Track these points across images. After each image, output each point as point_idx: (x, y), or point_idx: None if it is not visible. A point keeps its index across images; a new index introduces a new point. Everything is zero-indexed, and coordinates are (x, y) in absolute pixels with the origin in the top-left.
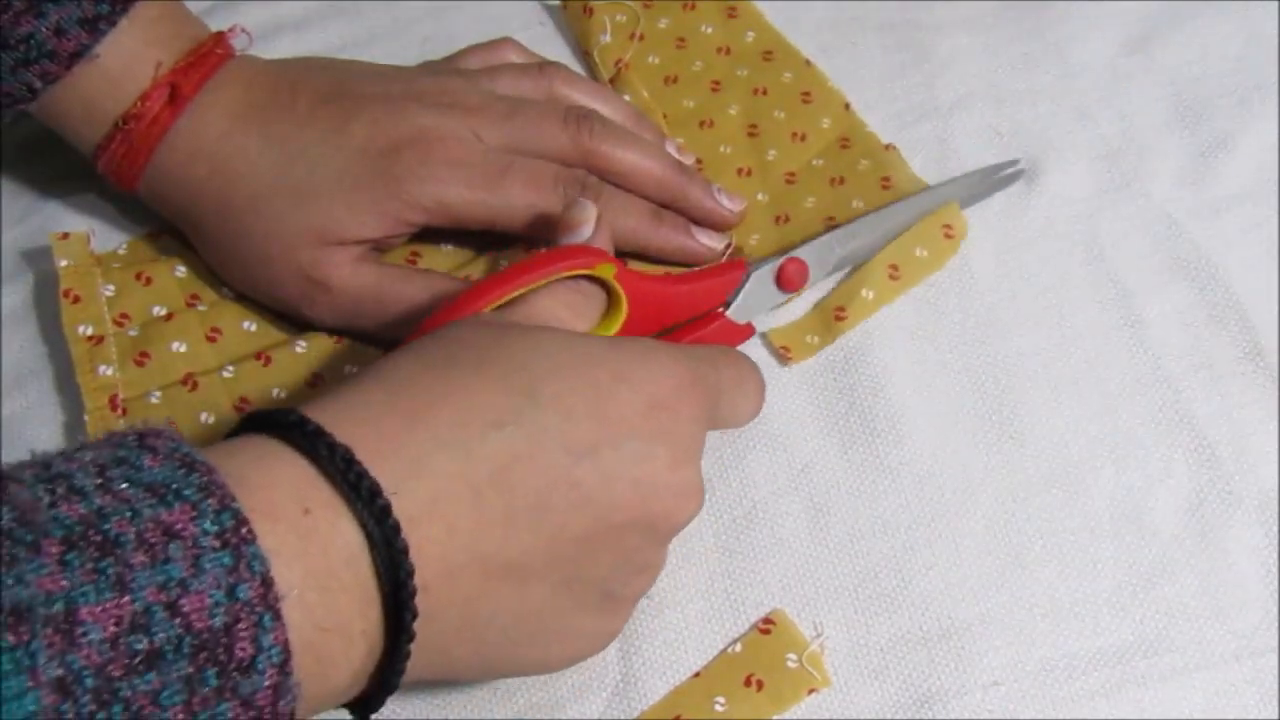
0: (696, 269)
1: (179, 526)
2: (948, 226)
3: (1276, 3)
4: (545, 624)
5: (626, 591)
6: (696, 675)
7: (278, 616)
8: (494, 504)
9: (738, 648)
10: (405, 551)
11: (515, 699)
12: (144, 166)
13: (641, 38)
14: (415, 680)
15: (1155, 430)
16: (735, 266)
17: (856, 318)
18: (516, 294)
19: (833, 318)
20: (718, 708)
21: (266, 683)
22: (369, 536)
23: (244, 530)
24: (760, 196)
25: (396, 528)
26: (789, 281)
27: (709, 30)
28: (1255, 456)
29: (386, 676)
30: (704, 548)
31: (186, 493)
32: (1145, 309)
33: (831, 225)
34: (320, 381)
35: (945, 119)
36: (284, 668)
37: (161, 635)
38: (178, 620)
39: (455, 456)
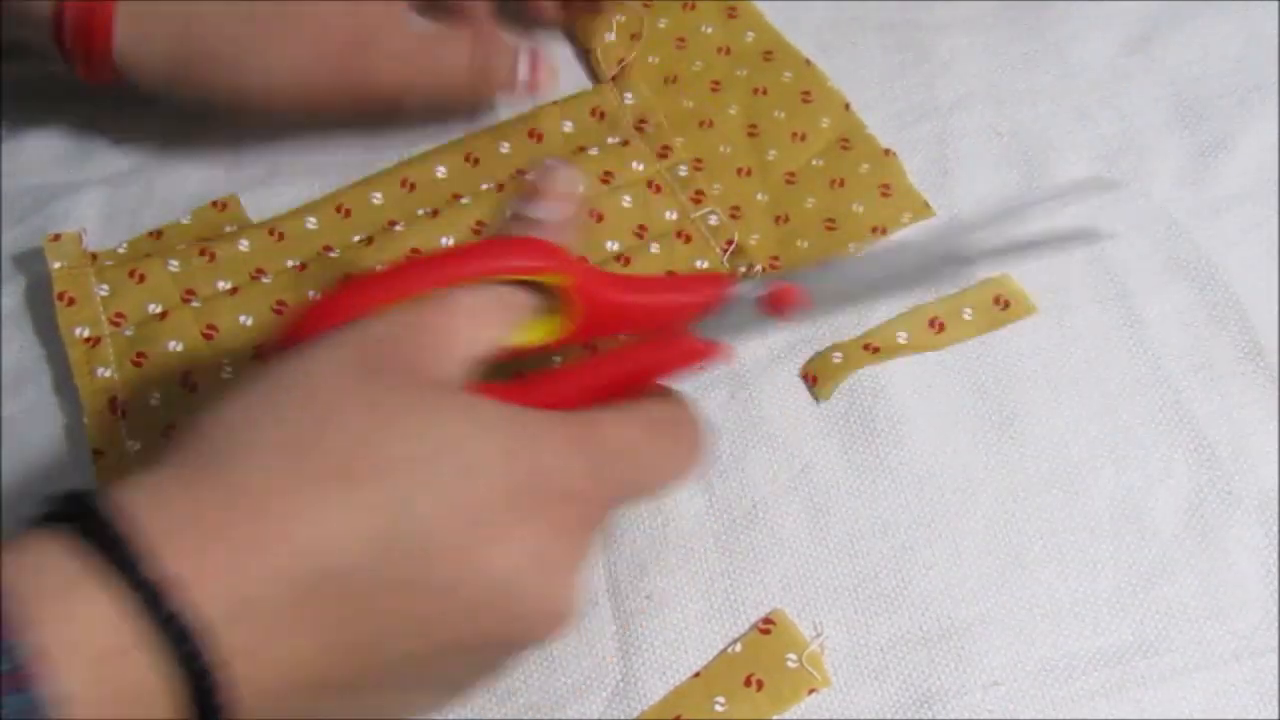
0: (673, 276)
1: None
2: (999, 297)
3: (1276, 3)
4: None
5: (481, 684)
6: (696, 675)
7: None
8: (309, 620)
9: (738, 648)
10: (217, 688)
11: (515, 699)
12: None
13: (640, 37)
14: None
15: (1155, 430)
16: (718, 281)
17: (887, 356)
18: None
19: (861, 347)
20: (718, 708)
21: None
22: (178, 670)
23: (35, 671)
24: (760, 196)
25: (207, 672)
26: (779, 307)
27: (709, 30)
28: (1255, 456)
29: None
30: (704, 548)
31: None
32: (1145, 309)
33: (831, 228)
34: None
35: (945, 119)
36: None
37: None
38: None
39: (268, 563)
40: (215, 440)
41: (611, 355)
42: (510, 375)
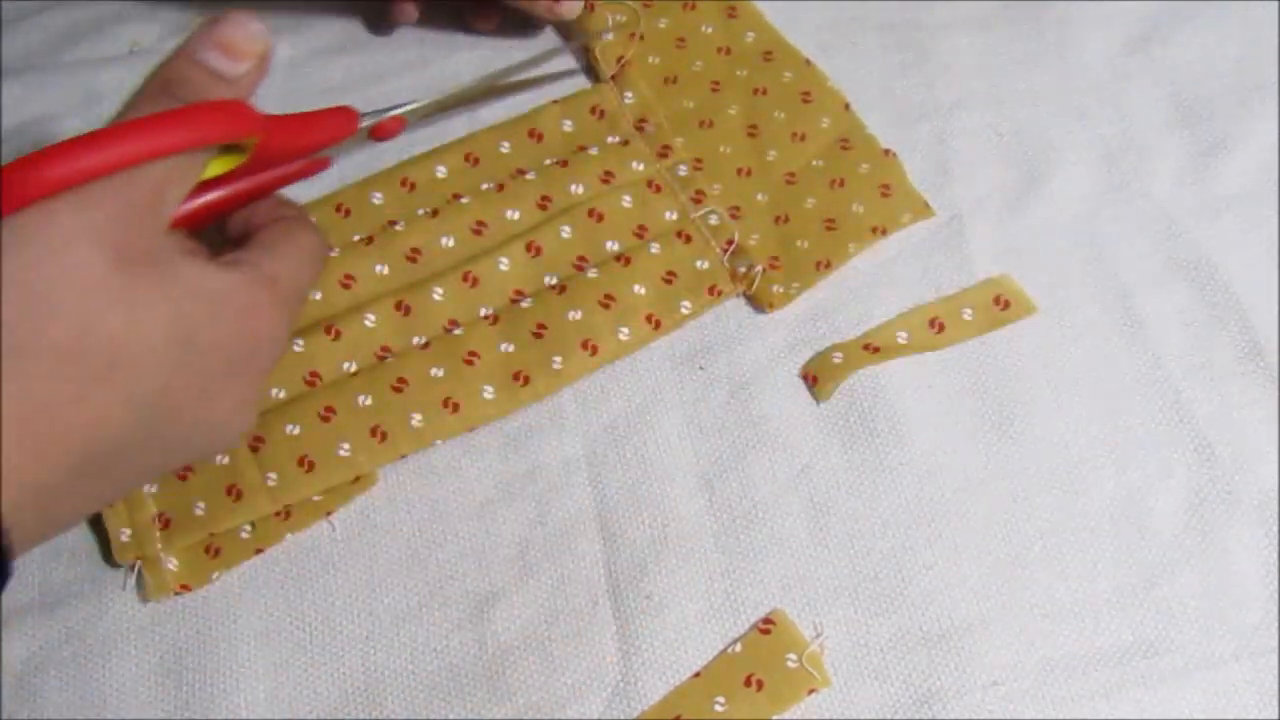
0: (313, 113)
1: None
2: (999, 297)
3: (1276, 3)
4: (168, 437)
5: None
6: (696, 675)
7: None
8: (85, 488)
9: (738, 648)
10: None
11: (515, 699)
12: None
13: (641, 37)
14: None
15: (1155, 430)
16: (349, 118)
17: (886, 356)
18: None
19: (861, 348)
20: (718, 708)
21: None
22: None
23: None
24: (760, 197)
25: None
26: (383, 134)
27: (709, 30)
28: (1255, 456)
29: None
30: (704, 548)
31: None
32: (1145, 309)
33: (831, 228)
34: (318, 380)
35: (945, 119)
36: None
37: None
38: None
39: (56, 463)
40: None
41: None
42: None
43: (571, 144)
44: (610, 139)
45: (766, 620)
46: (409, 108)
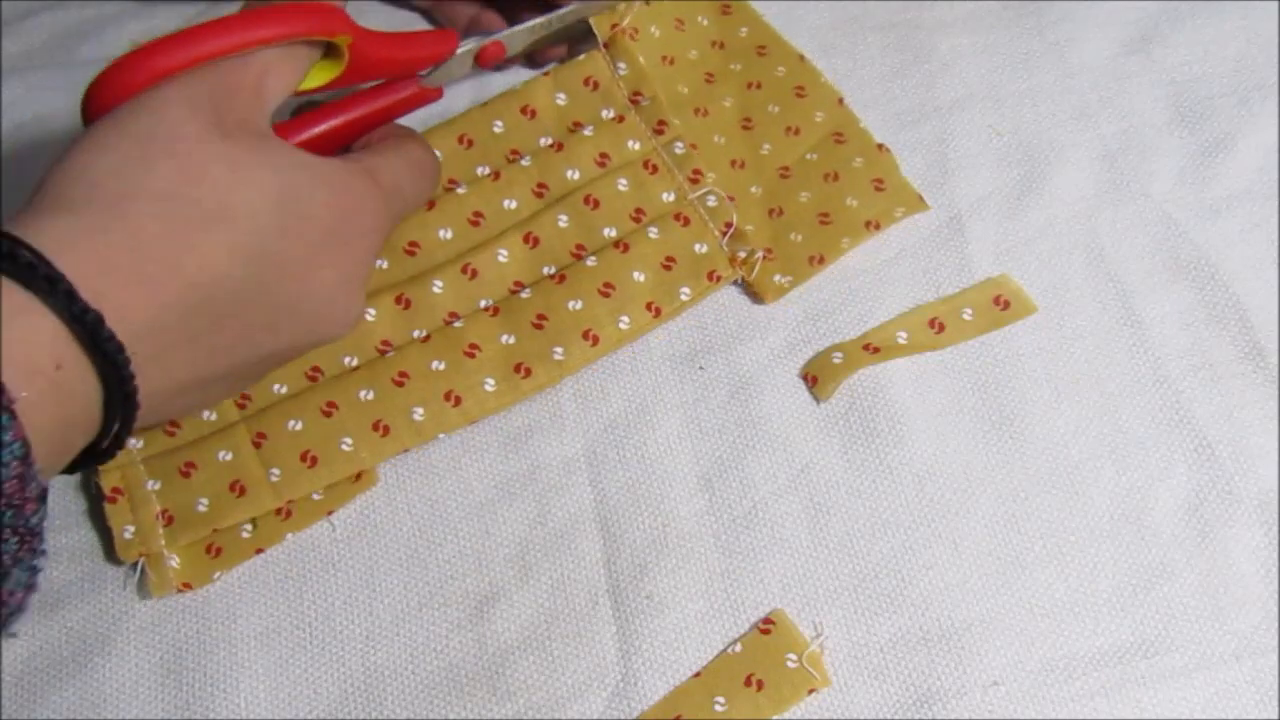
0: (413, 34)
1: None
2: (999, 297)
3: (1276, 3)
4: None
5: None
6: (696, 675)
7: (13, 416)
8: (197, 339)
9: (738, 648)
10: (97, 318)
11: (515, 699)
12: None
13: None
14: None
15: (1155, 430)
16: (448, 39)
17: (886, 356)
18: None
19: (861, 348)
20: (718, 708)
21: (11, 473)
22: (68, 327)
23: None
24: (754, 190)
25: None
26: (485, 60)
27: (704, 21)
28: (1255, 456)
29: (123, 419)
30: (704, 548)
31: None
32: (1145, 309)
33: (825, 222)
34: (320, 374)
35: (945, 119)
36: (26, 459)
37: None
38: None
39: (171, 301)
40: (100, 189)
41: (362, 97)
42: (290, 113)
43: (566, 119)
44: (605, 113)
45: (766, 620)
46: (509, 32)
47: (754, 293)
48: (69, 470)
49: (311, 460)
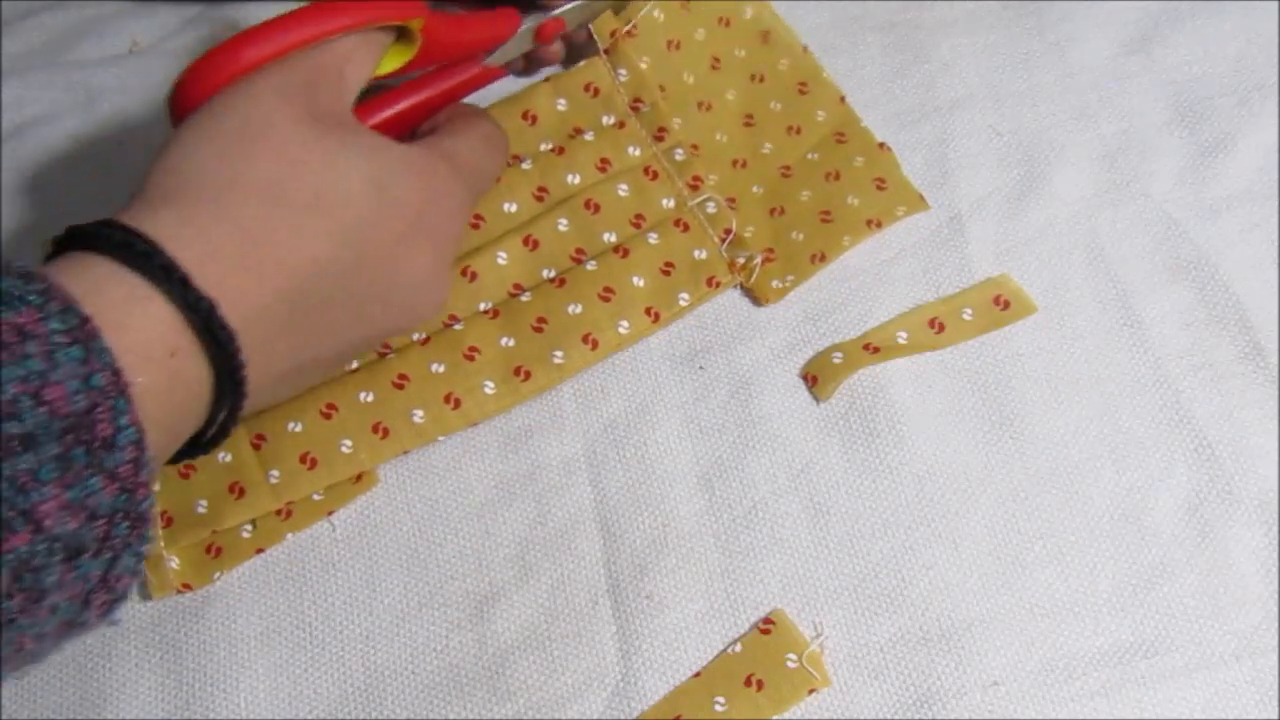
0: (475, 14)
1: (30, 327)
2: (999, 297)
3: (1276, 3)
4: (373, 294)
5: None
6: (696, 675)
7: (129, 400)
8: (298, 327)
9: (738, 648)
10: (210, 305)
11: (515, 699)
12: None
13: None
14: (260, 404)
15: (1155, 430)
16: (510, 18)
17: (886, 356)
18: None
19: (861, 348)
20: (718, 708)
21: (127, 458)
22: (182, 314)
23: (88, 327)
24: (755, 189)
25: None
26: (546, 36)
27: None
28: (1255, 456)
29: (230, 407)
30: (704, 548)
31: (31, 298)
32: (1145, 309)
33: (826, 220)
34: None
35: (945, 119)
36: (140, 444)
37: (31, 420)
38: (43, 408)
39: (276, 289)
40: (202, 180)
41: (430, 79)
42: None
43: (567, 125)
44: (606, 119)
45: (766, 620)
46: (568, 8)
47: (754, 298)
48: (173, 460)
49: (311, 462)
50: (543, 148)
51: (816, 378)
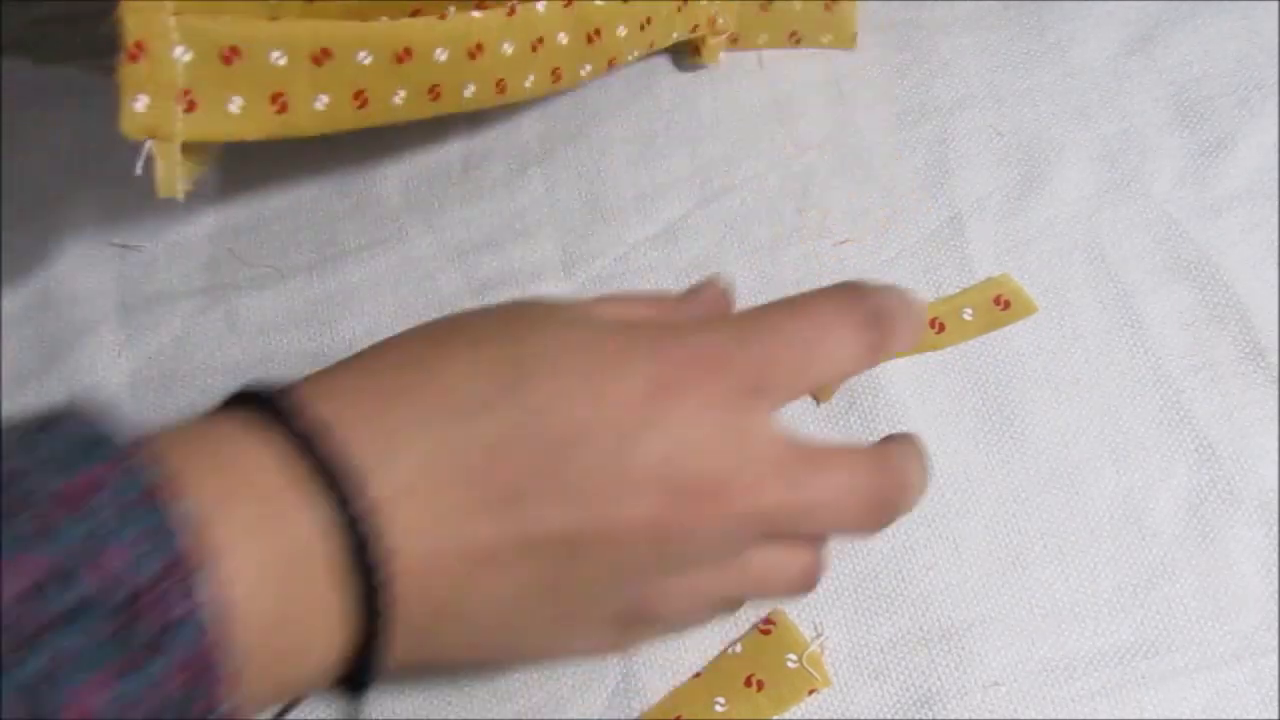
0: None
1: (92, 488)
2: (1000, 297)
3: (1277, 3)
4: (535, 621)
5: (633, 619)
6: (697, 675)
7: (209, 578)
8: (471, 489)
9: (738, 648)
10: (371, 536)
11: (515, 699)
12: None
13: None
14: (407, 665)
15: (1156, 430)
16: None
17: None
18: None
19: None
20: (718, 708)
21: (195, 653)
22: (336, 519)
23: (163, 493)
24: None
25: (364, 512)
26: None
27: None
28: (1256, 457)
29: (369, 661)
30: None
31: (109, 453)
32: (1146, 309)
33: (764, 10)
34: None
35: (946, 119)
36: (216, 638)
37: (75, 595)
38: (93, 581)
39: (432, 437)
40: (381, 358)
41: None
42: None
43: None
44: None
45: (767, 620)
46: None
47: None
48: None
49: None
50: None
51: None
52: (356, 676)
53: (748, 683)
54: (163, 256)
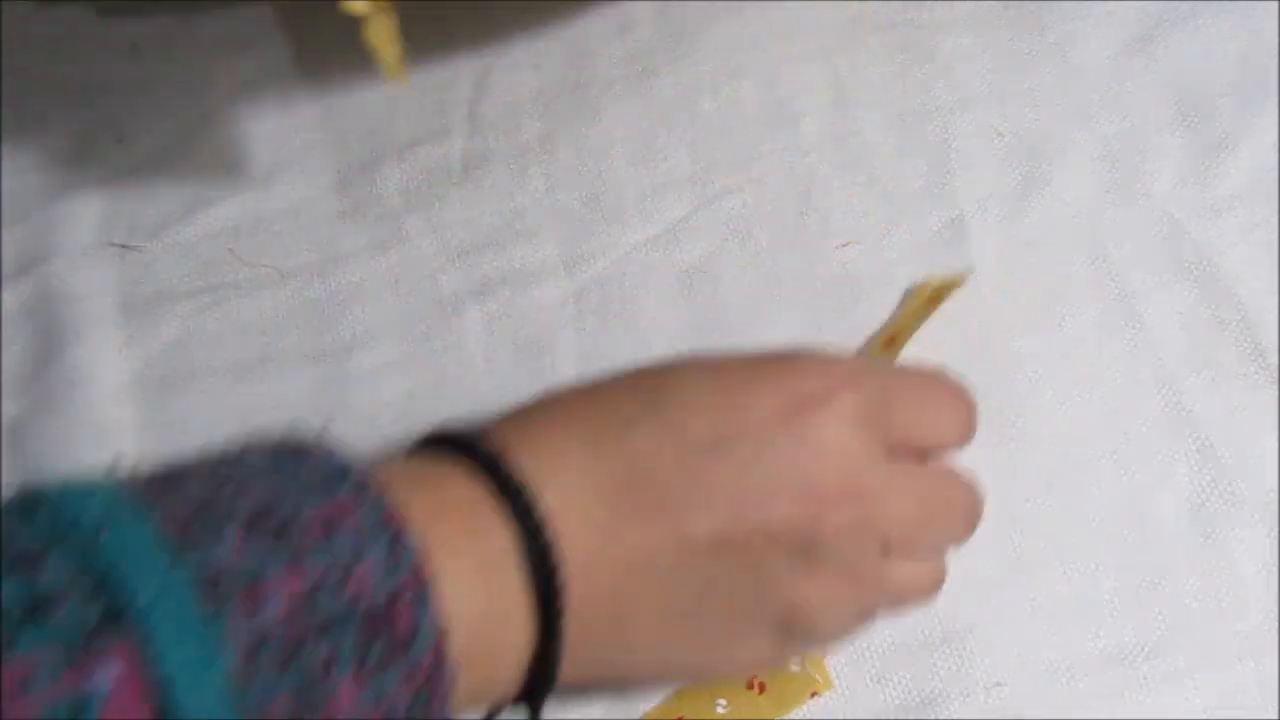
0: None
1: (341, 514)
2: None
3: (1277, 3)
4: (693, 630)
5: (787, 628)
6: None
7: (433, 596)
8: (624, 500)
9: None
10: (551, 542)
11: None
12: None
13: None
14: (573, 681)
15: (1156, 431)
16: None
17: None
18: None
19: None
20: (719, 710)
21: (426, 658)
22: (517, 532)
23: (397, 518)
24: None
25: (542, 521)
26: None
27: None
28: (1257, 458)
29: (544, 668)
30: None
31: (345, 488)
32: (1146, 310)
33: None
34: None
35: (946, 119)
36: (441, 645)
37: (333, 607)
38: (346, 595)
39: (589, 454)
40: (553, 398)
41: None
42: None
43: None
44: None
45: None
46: None
47: None
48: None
49: None
50: None
51: None
52: (533, 688)
53: (749, 685)
54: (163, 256)
